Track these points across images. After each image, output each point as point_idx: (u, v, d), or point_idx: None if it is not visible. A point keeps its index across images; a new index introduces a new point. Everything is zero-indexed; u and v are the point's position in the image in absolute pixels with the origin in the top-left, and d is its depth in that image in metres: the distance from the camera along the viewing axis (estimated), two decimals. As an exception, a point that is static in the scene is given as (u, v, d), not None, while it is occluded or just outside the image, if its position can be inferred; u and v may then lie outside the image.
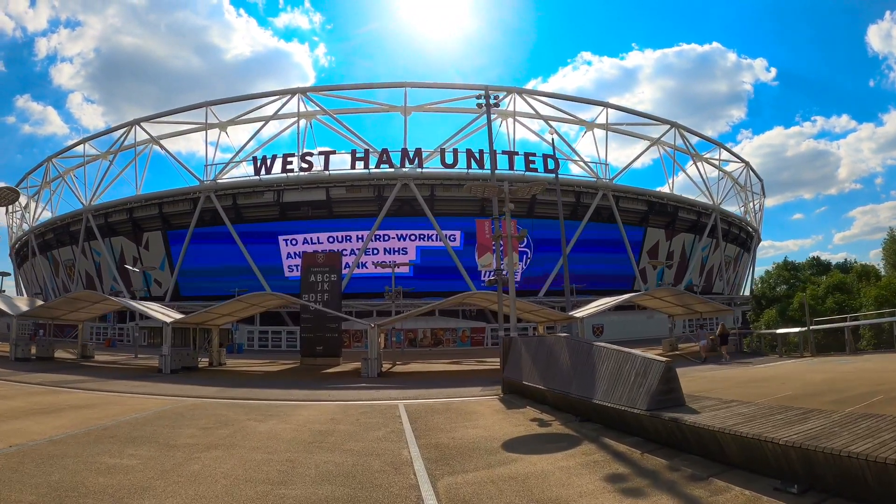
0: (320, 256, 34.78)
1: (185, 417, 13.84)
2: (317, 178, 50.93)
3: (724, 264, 65.18)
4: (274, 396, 18.58)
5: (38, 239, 64.31)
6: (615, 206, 54.58)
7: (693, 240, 61.05)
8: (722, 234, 62.92)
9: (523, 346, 16.83)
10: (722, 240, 63.09)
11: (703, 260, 62.68)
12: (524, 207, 51.93)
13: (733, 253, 68.14)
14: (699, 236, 60.80)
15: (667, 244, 59.30)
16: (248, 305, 29.84)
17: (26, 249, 67.10)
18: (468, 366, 32.42)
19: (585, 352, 12.69)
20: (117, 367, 29.56)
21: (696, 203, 60.93)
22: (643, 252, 57.82)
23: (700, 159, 63.52)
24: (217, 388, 20.95)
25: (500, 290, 22.96)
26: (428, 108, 56.40)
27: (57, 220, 61.94)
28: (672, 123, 60.23)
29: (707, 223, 60.57)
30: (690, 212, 60.36)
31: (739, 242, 68.95)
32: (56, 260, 63.83)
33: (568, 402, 13.10)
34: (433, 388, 20.62)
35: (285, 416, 14.06)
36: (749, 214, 69.66)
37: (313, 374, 27.31)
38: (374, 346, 25.98)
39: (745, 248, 70.79)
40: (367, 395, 18.76)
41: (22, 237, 68.22)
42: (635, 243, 56.89)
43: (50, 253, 64.46)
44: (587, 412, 12.22)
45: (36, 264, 65.71)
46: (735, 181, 67.85)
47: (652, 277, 58.57)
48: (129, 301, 31.33)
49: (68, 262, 61.87)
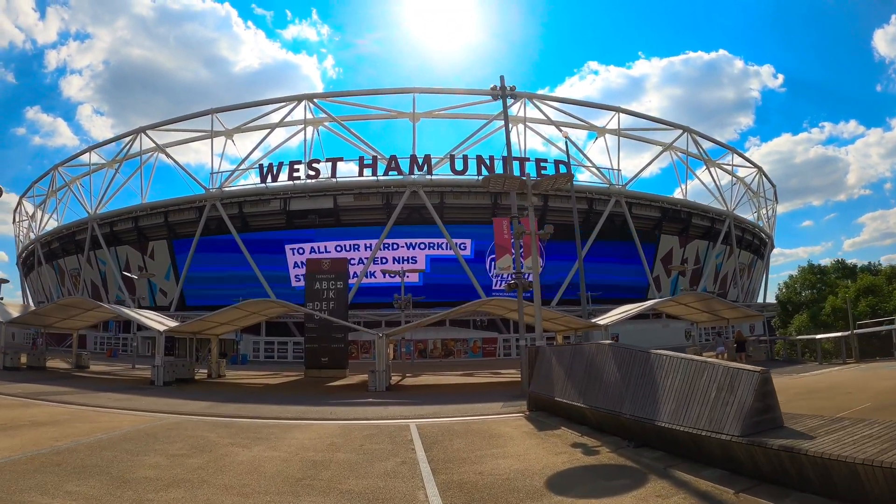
0: (325, 263, 32.16)
1: (158, 440, 11.35)
2: (324, 186, 48.58)
3: (739, 271, 62.30)
4: (269, 413, 16.03)
5: (44, 248, 62.22)
6: (628, 212, 51.95)
7: (707, 247, 58.23)
8: (736, 241, 60.08)
9: (554, 356, 14.25)
10: (736, 246, 60.24)
11: (717, 267, 59.82)
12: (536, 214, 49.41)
13: (747, 260, 65.23)
14: (713, 243, 58.00)
15: (681, 251, 56.55)
16: (248, 314, 27.28)
17: (33, 259, 65.01)
18: (483, 378, 29.79)
19: (641, 362, 10.13)
20: (110, 378, 27.15)
21: (710, 209, 58.19)
22: (657, 260, 55.10)
23: (713, 165, 60.89)
24: (208, 402, 18.44)
25: (520, 295, 20.40)
26: (437, 115, 54.03)
27: (63, 228, 59.82)
28: (684, 128, 57.70)
29: (721, 230, 57.79)
30: (704, 218, 57.60)
31: (753, 249, 66.04)
32: (62, 269, 61.66)
33: (617, 424, 10.53)
34: (448, 404, 18.02)
35: (276, 440, 11.52)
36: (762, 220, 66.84)
37: (317, 388, 24.75)
38: (382, 357, 23.37)
39: (759, 254, 67.84)
40: (374, 413, 16.16)
41: (28, 246, 66.16)
42: (649, 251, 54.18)
43: (56, 262, 62.30)
44: (644, 436, 9.67)
45: (42, 273, 63.57)
46: (748, 187, 65.10)
47: (666, 285, 55.81)
48: (121, 309, 28.92)
49: (74, 272, 59.67)
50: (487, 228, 50.08)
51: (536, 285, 17.34)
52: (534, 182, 17.59)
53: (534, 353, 15.50)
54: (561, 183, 17.64)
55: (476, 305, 27.12)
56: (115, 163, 57.65)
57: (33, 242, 64.09)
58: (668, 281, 56.24)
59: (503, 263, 21.40)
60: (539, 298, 17.36)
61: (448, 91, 53.93)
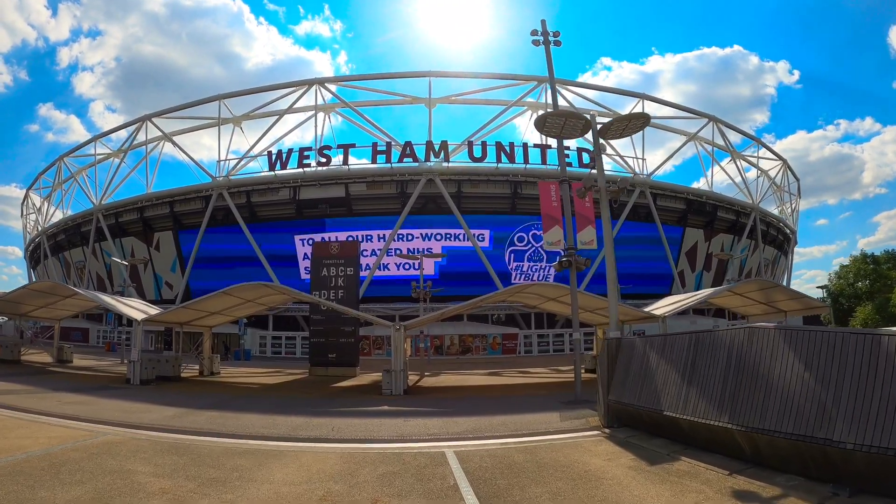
0: (334, 246, 27.08)
1: (58, 476, 6.74)
2: (335, 174, 43.85)
3: (764, 267, 57.02)
4: (249, 428, 11.23)
5: (49, 241, 57.79)
6: (653, 203, 46.93)
7: (732, 241, 53.06)
8: (761, 236, 54.84)
9: (653, 351, 9.41)
10: (761, 241, 54.99)
11: (742, 263, 54.56)
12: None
13: (771, 256, 59.92)
14: (738, 237, 52.84)
15: (706, 245, 51.44)
16: (242, 301, 22.36)
17: (39, 252, 60.61)
18: (512, 377, 24.88)
19: (871, 354, 5.30)
20: (86, 375, 22.48)
21: (735, 202, 52.96)
22: (681, 253, 50.05)
23: (738, 156, 55.73)
24: (179, 410, 13.71)
25: (573, 278, 15.51)
26: (454, 100, 49.16)
27: (68, 220, 55.39)
28: (710, 117, 52.49)
29: (746, 223, 52.59)
30: (729, 211, 52.38)
31: (777, 245, 60.70)
32: (68, 262, 57.27)
33: (812, 458, 5.71)
34: (487, 414, 13.12)
35: (238, 486, 6.73)
36: (784, 215, 61.49)
37: (321, 389, 19.91)
38: (399, 353, 18.44)
39: (783, 250, 62.47)
40: (392, 429, 11.24)
41: (35, 238, 61.78)
42: (673, 244, 49.11)
43: (62, 255, 57.93)
44: (877, 479, 4.84)
45: (48, 266, 59.12)
46: (772, 180, 59.79)
47: (690, 280, 50.71)
48: (99, 296, 24.15)
49: (79, 264, 55.24)
50: (506, 218, 45.37)
51: (610, 256, 12.43)
52: (602, 126, 12.75)
53: (613, 348, 10.63)
54: (635, 125, 12.84)
55: (513, 291, 21.83)
56: (121, 153, 53.13)
57: (39, 235, 59.75)
58: (693, 276, 51.20)
59: (552, 237, 16.45)
60: (614, 272, 12.44)
61: (465, 75, 49.08)
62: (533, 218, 44.63)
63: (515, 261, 44.63)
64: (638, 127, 13.18)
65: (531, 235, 44.73)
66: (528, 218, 44.18)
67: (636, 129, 13.25)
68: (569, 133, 12.95)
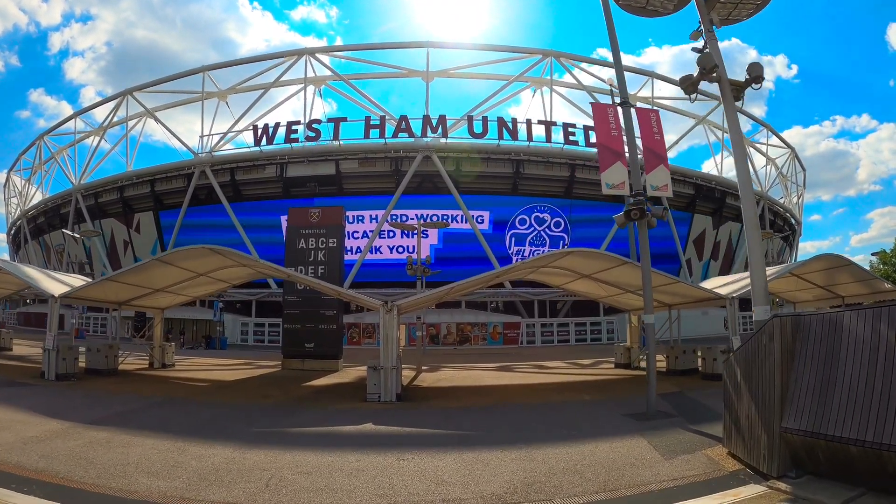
0: (314, 213, 21.24)
1: None
2: (325, 150, 38.27)
3: (772, 259, 52.05)
4: (121, 478, 5.84)
5: (30, 224, 51.97)
6: (662, 187, 41.68)
7: (740, 230, 48.00)
8: (769, 225, 49.84)
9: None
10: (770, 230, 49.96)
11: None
12: (561, 187, 39.52)
13: (777, 247, 54.97)
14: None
15: (713, 233, 46.41)
16: (193, 275, 16.49)
17: (21, 236, 54.70)
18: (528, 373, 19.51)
19: None
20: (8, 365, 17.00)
21: (744, 189, 47.91)
22: (689, 241, 44.95)
23: (747, 143, 50.63)
24: (62, 425, 8.37)
25: (644, 235, 10.19)
26: (452, 73, 43.57)
27: (48, 201, 49.63)
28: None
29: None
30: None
31: (783, 235, 55.78)
32: (48, 245, 51.41)
33: None
34: (535, 445, 7.66)
35: None
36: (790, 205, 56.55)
37: (288, 391, 14.43)
38: (390, 343, 12.65)
39: (788, 242, 57.53)
40: (374, 490, 5.85)
41: (16, 221, 55.82)
42: (681, 231, 44.03)
43: (42, 238, 52.06)
44: None
45: (29, 251, 53.27)
46: (779, 169, 54.78)
47: (697, 270, 45.60)
48: (19, 268, 18.32)
49: (59, 248, 49.41)
50: (507, 199, 39.90)
51: (748, 196, 7.13)
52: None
53: (790, 332, 5.30)
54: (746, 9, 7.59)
55: (535, 265, 15.51)
56: (102, 129, 47.30)
57: (20, 218, 53.84)
58: (700, 265, 46.13)
59: (613, 177, 10.92)
60: (756, 220, 7.14)
61: (465, 47, 43.60)
62: (535, 199, 39.39)
63: (516, 245, 39.30)
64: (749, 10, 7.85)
65: (533, 218, 39.47)
66: (531, 199, 38.97)
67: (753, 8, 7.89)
68: (656, 6, 7.56)
